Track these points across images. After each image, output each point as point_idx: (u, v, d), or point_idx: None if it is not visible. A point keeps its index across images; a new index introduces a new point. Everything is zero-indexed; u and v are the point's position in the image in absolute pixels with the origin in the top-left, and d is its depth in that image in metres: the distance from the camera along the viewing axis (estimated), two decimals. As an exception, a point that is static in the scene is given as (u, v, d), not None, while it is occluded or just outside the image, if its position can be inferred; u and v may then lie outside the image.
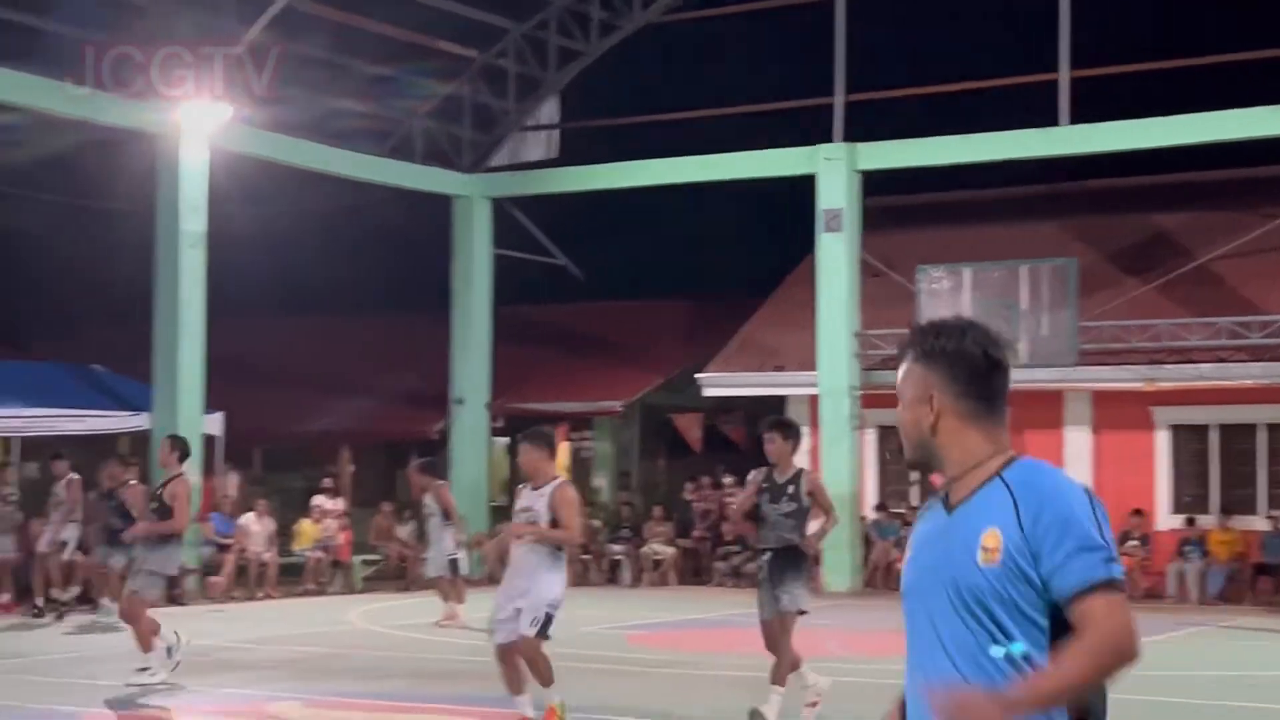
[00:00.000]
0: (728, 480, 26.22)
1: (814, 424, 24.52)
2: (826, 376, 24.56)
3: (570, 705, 10.65)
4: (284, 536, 23.82)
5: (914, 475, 23.92)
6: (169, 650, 13.03)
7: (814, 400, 24.90)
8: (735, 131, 26.29)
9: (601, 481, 29.40)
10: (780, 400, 25.68)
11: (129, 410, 23.29)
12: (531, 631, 10.35)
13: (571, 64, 27.64)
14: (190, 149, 22.66)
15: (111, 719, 11.87)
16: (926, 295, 23.34)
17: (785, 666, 11.00)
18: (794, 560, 10.99)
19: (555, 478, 10.81)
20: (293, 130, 24.77)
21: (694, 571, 25.89)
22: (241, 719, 12.24)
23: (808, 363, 24.92)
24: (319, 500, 24.44)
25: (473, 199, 27.62)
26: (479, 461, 27.60)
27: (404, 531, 24.99)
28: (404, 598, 22.77)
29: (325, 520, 24.11)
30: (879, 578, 24.03)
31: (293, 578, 23.46)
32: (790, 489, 11.01)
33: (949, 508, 3.33)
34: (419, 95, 27.07)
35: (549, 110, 28.28)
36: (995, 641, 3.19)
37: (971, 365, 3.33)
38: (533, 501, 10.61)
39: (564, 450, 29.46)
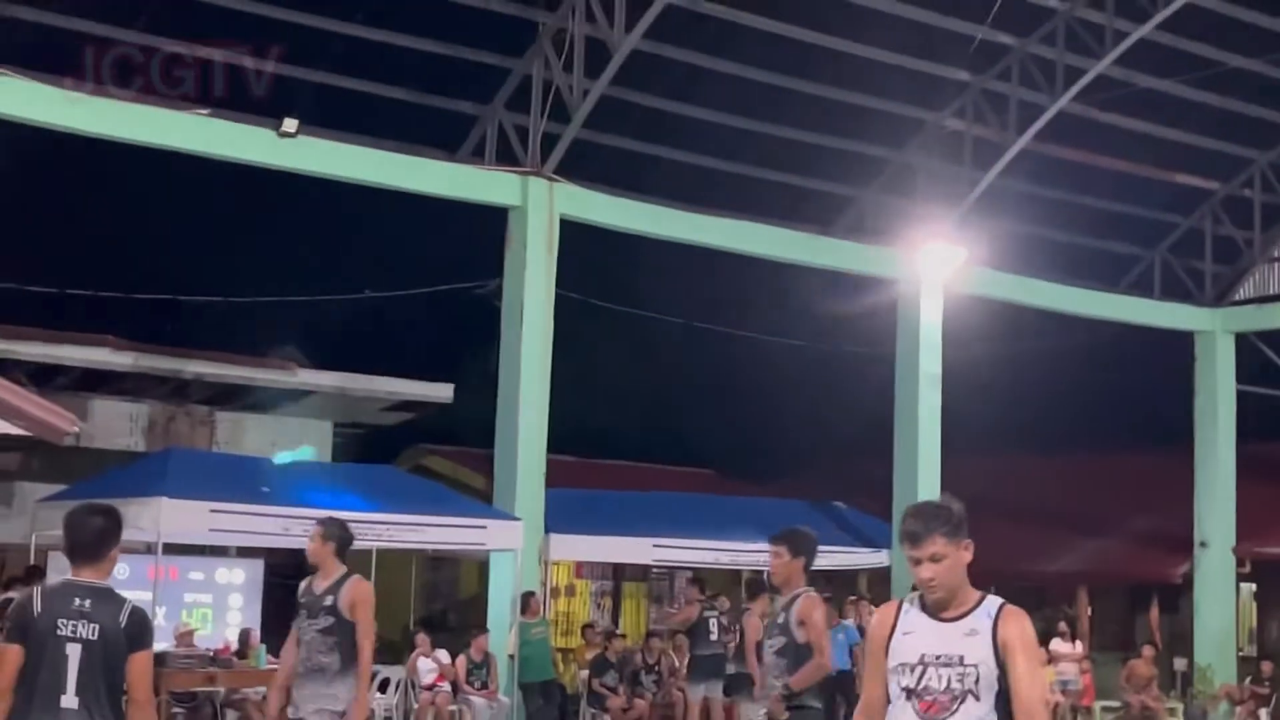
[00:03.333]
0: None
1: None
2: None
3: None
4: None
5: None
6: None
7: None
8: None
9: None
10: None
11: (870, 547, 23.95)
12: None
13: (1321, 189, 26.19)
14: (928, 292, 23.32)
15: None
16: None
17: None
18: None
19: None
20: (1027, 269, 24.92)
21: None
22: None
23: None
24: (1055, 644, 24.00)
25: (1215, 333, 26.61)
26: (1225, 607, 26.24)
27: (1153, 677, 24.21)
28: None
29: (1061, 664, 23.64)
30: None
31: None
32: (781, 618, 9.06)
33: None
34: (1157, 230, 26.51)
35: (1297, 239, 26.88)
36: None
37: None
38: None
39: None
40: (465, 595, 26.82)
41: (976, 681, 5.12)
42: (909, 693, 5.19)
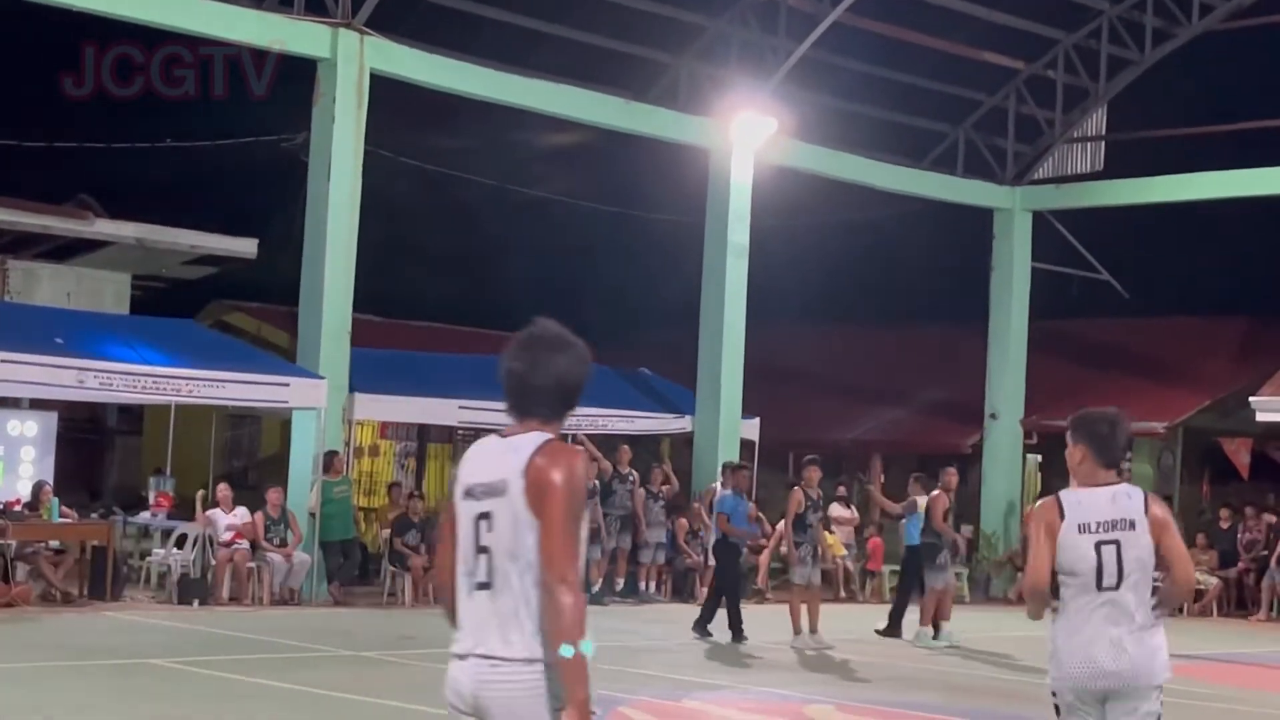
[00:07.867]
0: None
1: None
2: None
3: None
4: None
5: None
6: None
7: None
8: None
9: (1140, 504, 28.36)
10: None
11: (673, 413, 24.25)
12: None
13: (1121, 73, 26.84)
14: (739, 162, 23.46)
15: (652, 707, 12.39)
16: None
17: None
18: None
19: None
20: (835, 143, 25.22)
21: (1239, 603, 24.64)
22: (777, 718, 12.53)
23: (1374, 389, 23.28)
24: (834, 509, 24.06)
25: (1013, 211, 27.29)
26: (1012, 478, 27.22)
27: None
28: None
29: (840, 528, 23.92)
30: None
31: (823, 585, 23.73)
32: None
33: None
34: (962, 107, 26.96)
35: (1095, 121, 27.58)
36: None
37: None
38: None
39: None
40: (266, 453, 26.60)
41: None
42: None
